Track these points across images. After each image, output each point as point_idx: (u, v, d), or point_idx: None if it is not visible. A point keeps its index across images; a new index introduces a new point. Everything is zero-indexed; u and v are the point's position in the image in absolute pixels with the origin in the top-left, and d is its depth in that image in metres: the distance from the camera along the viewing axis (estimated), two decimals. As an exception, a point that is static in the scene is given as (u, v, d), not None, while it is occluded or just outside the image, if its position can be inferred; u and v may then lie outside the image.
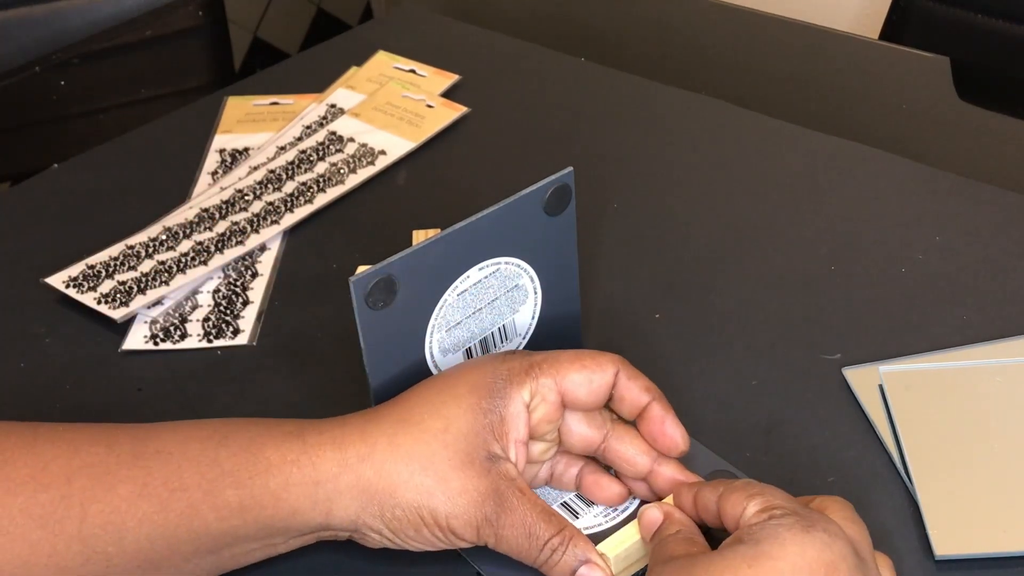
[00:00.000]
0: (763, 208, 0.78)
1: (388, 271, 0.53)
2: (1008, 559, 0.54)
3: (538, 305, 0.61)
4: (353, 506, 0.51)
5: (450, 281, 0.57)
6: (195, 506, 0.50)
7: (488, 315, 0.59)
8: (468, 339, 0.59)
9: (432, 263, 0.55)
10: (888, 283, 0.70)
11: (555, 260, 0.60)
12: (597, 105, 0.90)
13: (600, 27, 1.05)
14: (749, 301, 0.70)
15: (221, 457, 0.51)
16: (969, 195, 0.77)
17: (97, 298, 0.72)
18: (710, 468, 0.59)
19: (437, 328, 0.57)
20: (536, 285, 0.60)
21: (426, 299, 0.56)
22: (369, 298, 0.53)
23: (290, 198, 0.80)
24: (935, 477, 0.57)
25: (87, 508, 0.50)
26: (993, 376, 0.62)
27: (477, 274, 0.57)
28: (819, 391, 0.64)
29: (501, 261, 0.58)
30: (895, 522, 0.56)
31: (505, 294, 0.59)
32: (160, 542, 0.50)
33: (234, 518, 0.50)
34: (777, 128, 0.85)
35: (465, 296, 0.58)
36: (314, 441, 0.51)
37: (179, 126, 0.91)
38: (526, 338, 0.62)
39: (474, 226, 0.56)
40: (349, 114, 0.88)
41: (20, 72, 0.99)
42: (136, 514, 0.50)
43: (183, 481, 0.50)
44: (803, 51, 0.97)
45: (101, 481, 0.50)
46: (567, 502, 0.58)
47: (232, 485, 0.50)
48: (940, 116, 0.87)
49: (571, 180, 0.58)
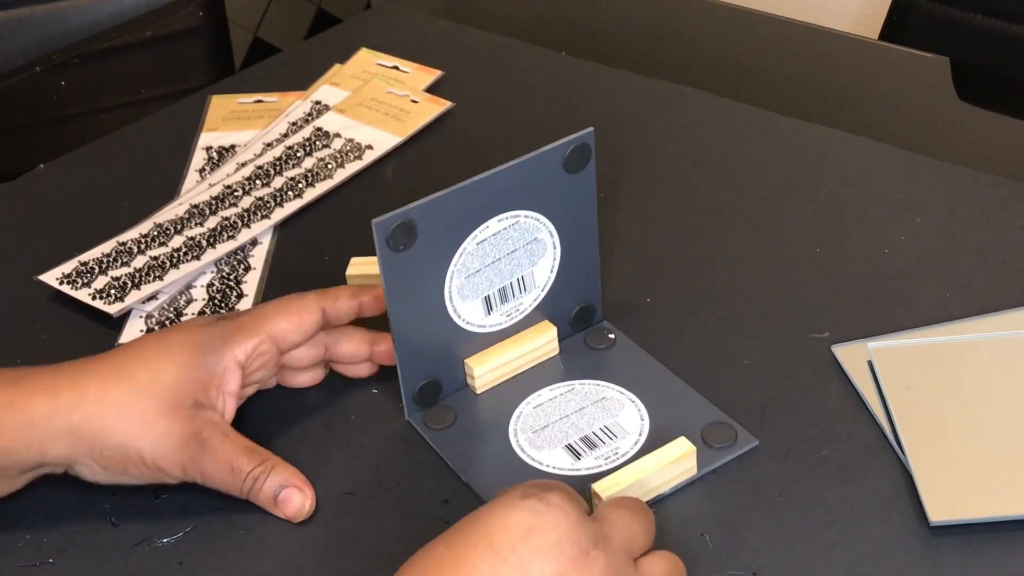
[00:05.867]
0: (749, 194, 0.79)
1: (409, 215, 0.57)
2: (1000, 523, 0.55)
3: (557, 260, 0.64)
4: (65, 447, 0.57)
5: (470, 230, 0.60)
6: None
7: (507, 265, 0.62)
8: (487, 287, 0.62)
9: (452, 211, 0.58)
10: (873, 264, 0.72)
11: (575, 217, 0.63)
12: (580, 98, 0.91)
13: (601, 29, 1.06)
14: (739, 284, 0.72)
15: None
16: (947, 178, 0.79)
17: (92, 294, 0.72)
18: (708, 420, 0.61)
19: (457, 274, 0.60)
20: (555, 240, 0.63)
21: (446, 245, 0.59)
22: (390, 240, 0.57)
23: (279, 193, 0.81)
24: (926, 447, 0.59)
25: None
26: (978, 349, 0.64)
27: (496, 225, 0.60)
28: (810, 369, 0.65)
29: (520, 214, 0.61)
30: (889, 492, 0.58)
31: (524, 246, 0.62)
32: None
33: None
34: (759, 116, 0.87)
35: (484, 245, 0.61)
36: (27, 388, 0.57)
37: (164, 125, 0.91)
38: (544, 290, 0.64)
39: (493, 178, 0.59)
40: (334, 110, 0.89)
41: (20, 72, 1.00)
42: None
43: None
44: (803, 51, 0.98)
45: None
46: (571, 444, 0.60)
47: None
48: (940, 116, 0.88)
49: (591, 140, 0.61)
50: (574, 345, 0.67)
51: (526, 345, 0.65)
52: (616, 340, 0.67)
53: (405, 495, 0.60)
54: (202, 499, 0.60)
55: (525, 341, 0.65)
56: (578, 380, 0.64)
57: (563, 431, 0.61)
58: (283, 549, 0.58)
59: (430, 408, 0.63)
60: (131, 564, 0.58)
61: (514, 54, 0.98)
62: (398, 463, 0.62)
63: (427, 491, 0.60)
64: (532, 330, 0.65)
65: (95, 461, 0.57)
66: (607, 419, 0.62)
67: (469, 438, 0.62)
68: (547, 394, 0.64)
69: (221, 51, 1.10)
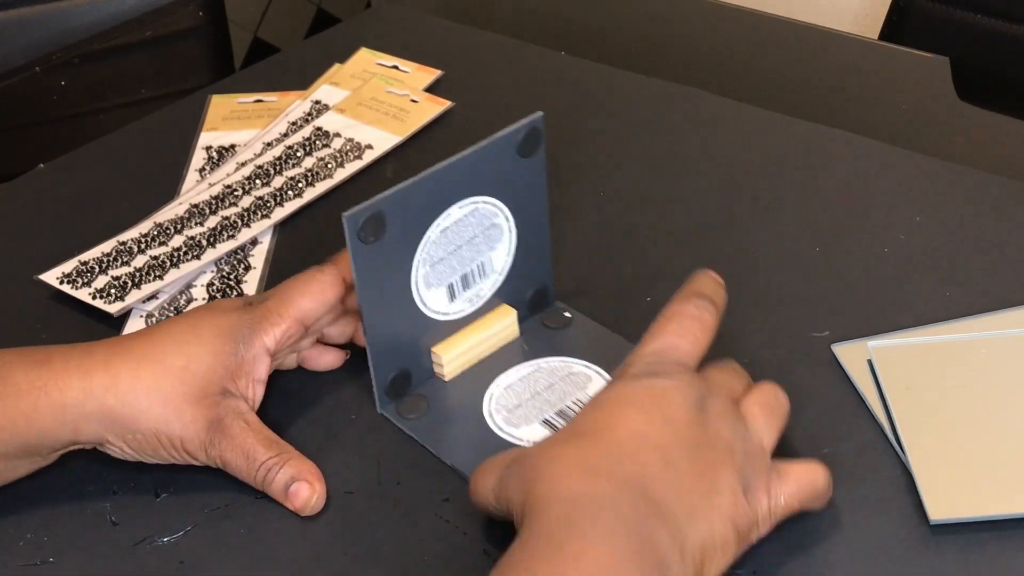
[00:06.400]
0: (749, 194, 0.79)
1: (379, 207, 0.59)
2: (1000, 521, 0.55)
3: (513, 243, 0.66)
4: (98, 428, 0.58)
5: (433, 218, 0.62)
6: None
7: (468, 252, 0.64)
8: (450, 274, 0.64)
9: (417, 200, 0.60)
10: (872, 263, 0.72)
11: (527, 200, 0.65)
12: (580, 98, 0.91)
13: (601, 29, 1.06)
14: (739, 283, 0.71)
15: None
16: (947, 178, 0.79)
17: (92, 293, 0.72)
18: None
19: (422, 263, 0.62)
20: (511, 224, 0.65)
21: (412, 235, 0.61)
22: (361, 232, 0.58)
23: (279, 193, 0.81)
24: (926, 446, 0.59)
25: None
26: (978, 348, 0.64)
27: (457, 212, 0.63)
28: (810, 368, 0.65)
29: (479, 200, 0.63)
30: (890, 491, 0.58)
31: (483, 232, 0.64)
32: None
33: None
34: (759, 116, 0.87)
35: (447, 233, 0.63)
36: (60, 368, 0.58)
37: (164, 125, 0.92)
38: (503, 275, 0.66)
39: (454, 166, 0.61)
40: (334, 110, 0.89)
41: (20, 72, 1.00)
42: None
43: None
44: (803, 51, 0.98)
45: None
46: (547, 419, 0.63)
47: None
48: (940, 116, 0.88)
49: (541, 124, 0.64)
50: (532, 327, 0.69)
51: (489, 330, 0.67)
52: (573, 318, 0.69)
53: (405, 495, 0.60)
54: (202, 499, 0.60)
55: (487, 326, 0.67)
56: (542, 359, 0.66)
57: (537, 407, 0.63)
58: (283, 548, 0.58)
59: (401, 399, 0.64)
60: (131, 564, 0.58)
61: (514, 54, 0.98)
62: (398, 463, 0.62)
63: (427, 490, 0.60)
64: (492, 314, 0.67)
65: (125, 442, 0.59)
66: (578, 392, 0.64)
67: (446, 423, 0.64)
68: (514, 374, 0.65)
69: (221, 51, 1.10)
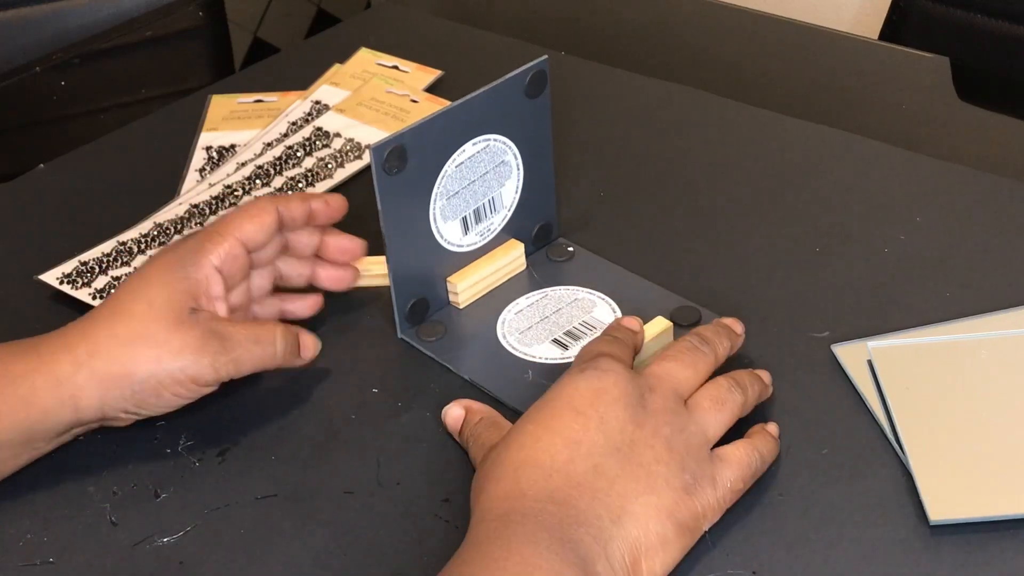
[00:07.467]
0: (749, 194, 0.79)
1: (401, 140, 0.64)
2: (1000, 522, 0.55)
3: (520, 181, 0.71)
4: (95, 396, 0.59)
5: (450, 153, 0.67)
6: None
7: (480, 187, 0.69)
8: (464, 207, 0.69)
9: (435, 136, 0.65)
10: (872, 263, 0.72)
11: (534, 139, 0.70)
12: (580, 98, 0.91)
13: (600, 29, 1.06)
14: (739, 283, 0.72)
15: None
16: (947, 178, 0.79)
17: (92, 293, 0.72)
18: (675, 305, 0.69)
19: (439, 196, 0.67)
20: (519, 162, 0.70)
21: (431, 168, 0.66)
22: (386, 164, 0.63)
23: (279, 193, 0.81)
24: (926, 446, 0.59)
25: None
26: (978, 349, 0.64)
27: (471, 148, 0.68)
28: (810, 368, 0.65)
29: (490, 138, 0.68)
30: (890, 491, 0.58)
31: (494, 169, 0.69)
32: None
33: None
34: (759, 116, 0.87)
35: (462, 168, 0.68)
36: (47, 350, 0.60)
37: (164, 125, 0.92)
38: (511, 210, 0.71)
39: (468, 104, 0.66)
40: (334, 110, 0.89)
41: (20, 72, 1.00)
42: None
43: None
44: (803, 51, 0.98)
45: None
46: (557, 339, 0.68)
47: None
48: (940, 116, 0.88)
49: (546, 67, 0.69)
50: (538, 260, 0.74)
51: (499, 262, 0.72)
52: (575, 252, 0.74)
53: (405, 495, 0.60)
54: (202, 499, 0.60)
55: (497, 258, 0.72)
56: (549, 287, 0.71)
57: (547, 329, 0.68)
58: (283, 548, 0.58)
59: (420, 324, 0.69)
60: (131, 564, 0.58)
61: (514, 54, 0.98)
62: (398, 462, 0.62)
63: (427, 490, 0.60)
64: (502, 248, 0.72)
65: (128, 401, 0.60)
66: (584, 315, 0.69)
67: (462, 344, 0.68)
68: (524, 302, 0.71)
69: (221, 51, 1.10)
